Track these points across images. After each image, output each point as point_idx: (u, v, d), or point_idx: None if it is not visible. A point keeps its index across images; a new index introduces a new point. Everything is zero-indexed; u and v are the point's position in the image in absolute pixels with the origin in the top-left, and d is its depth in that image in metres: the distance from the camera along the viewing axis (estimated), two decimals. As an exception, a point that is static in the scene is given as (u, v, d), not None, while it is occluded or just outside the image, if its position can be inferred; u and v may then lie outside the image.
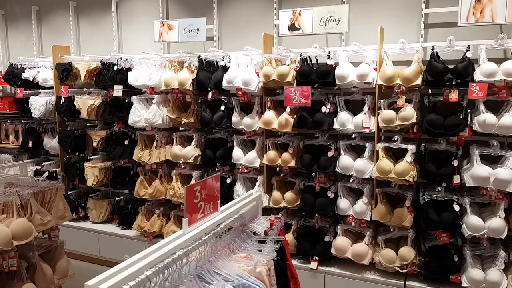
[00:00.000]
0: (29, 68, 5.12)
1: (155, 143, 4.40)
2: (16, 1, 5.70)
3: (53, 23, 5.50)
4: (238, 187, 4.06)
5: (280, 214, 4.00)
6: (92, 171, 4.82)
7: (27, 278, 2.56)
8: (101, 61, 4.56)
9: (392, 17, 3.74)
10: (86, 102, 4.71)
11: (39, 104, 5.01)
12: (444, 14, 3.51)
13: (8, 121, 5.56)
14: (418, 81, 3.23)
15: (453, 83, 3.09)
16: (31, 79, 5.06)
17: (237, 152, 4.01)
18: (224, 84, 3.84)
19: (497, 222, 3.09)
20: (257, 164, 3.94)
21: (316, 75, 3.52)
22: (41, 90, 5.13)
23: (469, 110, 3.24)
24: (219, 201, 1.88)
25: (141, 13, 4.87)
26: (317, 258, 3.76)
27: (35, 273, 2.65)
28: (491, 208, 3.28)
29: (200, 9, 4.49)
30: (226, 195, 4.09)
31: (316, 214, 3.79)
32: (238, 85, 3.78)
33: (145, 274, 1.33)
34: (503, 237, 3.10)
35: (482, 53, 3.05)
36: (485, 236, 3.14)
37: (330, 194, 3.70)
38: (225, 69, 3.91)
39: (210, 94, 4.00)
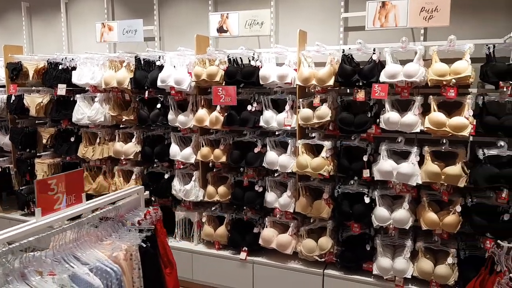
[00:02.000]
0: (-20, 67, 5.24)
1: (98, 140, 4.57)
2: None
3: (7, 23, 5.63)
4: (176, 182, 4.24)
5: (214, 208, 4.21)
6: (42, 167, 4.97)
7: None
8: (47, 61, 4.71)
9: (316, 21, 3.95)
10: (34, 100, 4.86)
11: (-10, 102, 5.14)
12: (362, 18, 3.72)
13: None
14: (331, 82, 3.44)
15: (360, 84, 3.31)
16: (-18, 77, 5.19)
17: (173, 149, 4.20)
18: (159, 83, 4.01)
19: (401, 213, 3.32)
20: (192, 160, 4.13)
21: (241, 75, 3.72)
22: (-7, 89, 5.25)
23: (383, 109, 3.46)
24: (83, 194, 2.05)
25: (89, 14, 5.02)
26: (246, 248, 3.96)
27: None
28: (400, 201, 3.51)
29: (142, 10, 4.66)
30: (164, 190, 4.29)
31: (245, 207, 3.99)
32: (171, 84, 3.96)
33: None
34: (407, 227, 3.33)
35: (387, 55, 3.26)
36: (391, 226, 3.37)
37: (258, 188, 3.90)
38: (161, 68, 4.09)
39: (146, 92, 4.17)
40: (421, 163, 3.25)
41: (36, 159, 5.04)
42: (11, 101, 4.95)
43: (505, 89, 3.02)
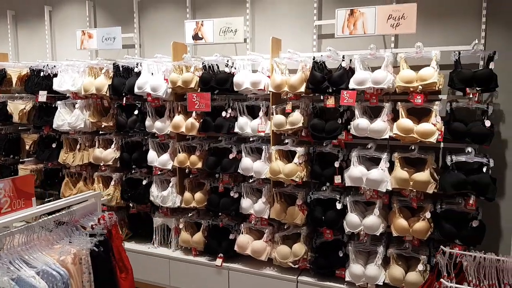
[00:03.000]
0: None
1: (78, 146, 4.60)
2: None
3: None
4: (153, 188, 4.26)
5: (190, 214, 4.22)
6: (24, 173, 4.99)
7: None
8: (30, 68, 4.75)
9: (291, 29, 3.98)
10: (17, 107, 4.90)
11: (-26, 108, 5.18)
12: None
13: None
14: (302, 89, 3.46)
15: (330, 90, 3.33)
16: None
17: (151, 155, 4.22)
18: (136, 90, 4.04)
19: (371, 219, 3.32)
20: (169, 166, 4.14)
21: (215, 82, 3.74)
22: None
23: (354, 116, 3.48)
24: (33, 198, 2.06)
25: (72, 21, 5.08)
26: (222, 255, 3.96)
27: None
28: (373, 207, 3.51)
29: (124, 18, 4.71)
30: (142, 196, 4.31)
31: (220, 213, 4.00)
32: (148, 90, 3.99)
33: None
34: (378, 234, 3.33)
35: (356, 62, 3.28)
36: (363, 232, 3.37)
37: (233, 194, 3.91)
38: (138, 75, 4.12)
39: (124, 99, 4.21)
40: (392, 169, 3.26)
41: (19, 165, 5.08)
42: (-6, 108, 4.99)
43: (471, 96, 3.03)
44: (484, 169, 2.98)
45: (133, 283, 2.35)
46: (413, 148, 3.22)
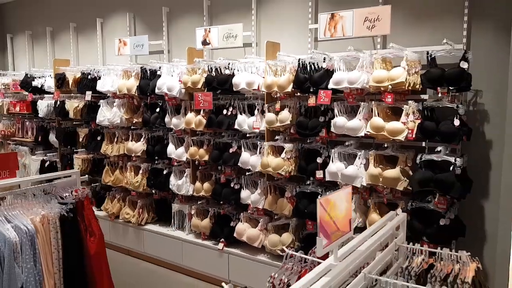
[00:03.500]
0: (38, 77, 6.36)
1: (115, 139, 5.32)
2: (46, 23, 7.03)
3: (59, 40, 6.75)
4: (172, 178, 4.81)
5: (200, 202, 4.69)
6: (78, 161, 5.88)
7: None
8: (81, 72, 5.61)
9: (290, 33, 4.24)
10: (73, 105, 5.79)
11: (43, 106, 6.22)
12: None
13: (26, 120, 6.89)
14: (289, 88, 3.73)
15: (311, 90, 3.55)
16: (39, 86, 6.30)
17: (170, 148, 4.77)
18: (156, 90, 4.62)
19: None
20: (184, 158, 4.66)
21: (217, 82, 4.16)
22: (45, 95, 6.34)
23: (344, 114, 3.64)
24: (17, 170, 2.64)
25: (117, 31, 5.85)
26: (224, 240, 4.37)
27: None
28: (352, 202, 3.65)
29: (156, 27, 5.33)
30: (163, 184, 4.87)
31: (221, 202, 4.41)
32: (165, 90, 4.54)
33: None
34: (353, 228, 3.47)
35: (335, 64, 3.47)
36: (340, 225, 3.53)
37: (234, 185, 4.30)
38: (160, 77, 4.70)
39: (149, 98, 4.81)
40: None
41: (74, 155, 5.98)
42: (56, 106, 5.95)
43: (440, 95, 3.06)
44: (451, 168, 3.00)
45: (101, 246, 2.84)
46: (385, 145, 3.33)
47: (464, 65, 3.01)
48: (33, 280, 2.30)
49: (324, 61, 3.54)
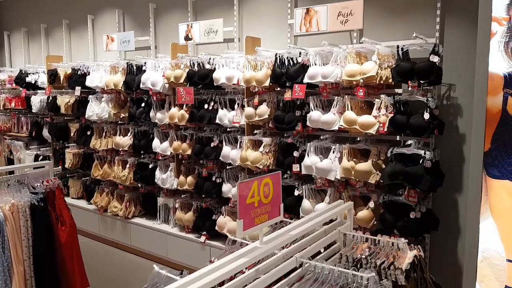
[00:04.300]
0: (32, 73, 6.46)
1: (104, 134, 5.40)
2: (41, 20, 7.13)
3: (53, 37, 6.85)
4: (157, 172, 4.87)
5: (184, 195, 4.74)
6: (69, 156, 5.97)
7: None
8: (71, 68, 5.69)
9: (270, 28, 4.27)
10: (64, 100, 5.88)
11: (36, 101, 6.32)
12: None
13: (21, 116, 7.00)
14: (267, 83, 3.76)
15: (287, 84, 3.58)
16: (33, 82, 6.39)
17: (155, 142, 4.83)
18: (141, 85, 4.68)
19: (320, 206, 3.51)
20: (168, 152, 4.71)
21: (198, 77, 4.20)
22: (38, 91, 6.44)
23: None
24: None
25: (107, 27, 5.92)
26: (206, 233, 4.42)
27: None
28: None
29: (144, 23, 5.39)
30: (148, 178, 4.94)
31: (203, 195, 4.46)
32: (149, 86, 4.59)
33: None
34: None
35: (311, 58, 3.49)
36: (315, 218, 3.57)
37: (215, 179, 4.34)
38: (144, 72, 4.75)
39: (134, 93, 4.87)
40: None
41: (66, 149, 6.07)
42: (48, 101, 6.04)
43: (410, 88, 3.08)
44: (421, 162, 3.01)
45: (72, 235, 2.90)
46: (358, 139, 3.35)
47: (434, 58, 3.02)
48: (1, 266, 2.37)
49: (300, 56, 3.56)
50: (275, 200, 1.81)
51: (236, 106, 4.09)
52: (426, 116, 3.02)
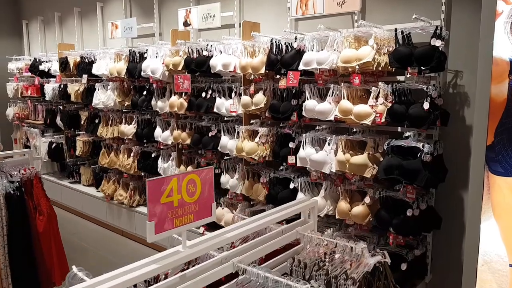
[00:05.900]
0: (45, 62, 6.53)
1: (110, 122, 5.39)
2: (55, 9, 7.19)
3: (65, 25, 6.88)
4: (159, 161, 4.81)
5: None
6: (79, 144, 6.03)
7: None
8: (80, 56, 5.69)
9: (273, 12, 4.06)
10: (74, 88, 5.91)
11: (49, 89, 6.40)
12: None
13: (37, 103, 7.13)
14: (263, 70, 3.58)
15: (282, 71, 3.40)
16: (46, 70, 6.47)
17: (157, 131, 4.77)
18: (142, 73, 4.60)
19: (315, 199, 3.33)
20: (169, 142, 4.64)
21: (195, 64, 4.07)
22: (51, 79, 6.51)
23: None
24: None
25: (115, 14, 5.87)
26: (205, 224, 4.34)
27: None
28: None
29: (149, 10, 5.30)
30: (151, 167, 4.90)
31: (202, 186, 4.36)
32: (149, 73, 4.51)
33: None
34: (322, 215, 3.33)
35: (307, 43, 3.28)
36: (310, 213, 3.40)
37: (215, 170, 4.23)
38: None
39: (137, 81, 4.81)
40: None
41: (77, 137, 6.13)
42: (60, 89, 6.10)
43: (409, 76, 2.83)
44: (418, 155, 2.78)
45: (50, 225, 2.87)
46: (354, 130, 3.14)
47: (436, 42, 2.75)
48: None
49: (295, 41, 3.36)
50: (205, 199, 1.66)
51: (233, 94, 3.94)
52: (426, 105, 2.76)
